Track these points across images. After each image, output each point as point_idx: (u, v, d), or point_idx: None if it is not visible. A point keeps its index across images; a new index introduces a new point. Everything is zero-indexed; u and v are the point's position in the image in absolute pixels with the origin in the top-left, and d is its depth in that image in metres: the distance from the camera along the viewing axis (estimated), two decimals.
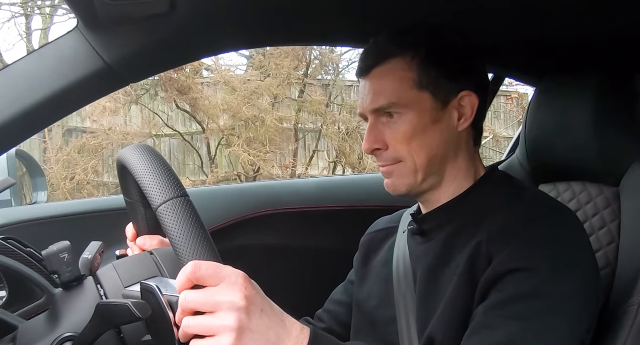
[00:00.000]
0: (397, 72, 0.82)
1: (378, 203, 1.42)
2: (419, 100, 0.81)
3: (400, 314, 0.84)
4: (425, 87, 0.81)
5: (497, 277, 0.70)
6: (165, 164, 0.60)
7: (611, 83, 0.95)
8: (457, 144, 0.84)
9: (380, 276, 0.92)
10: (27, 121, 0.85)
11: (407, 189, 0.84)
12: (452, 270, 0.77)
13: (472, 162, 0.86)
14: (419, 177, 0.82)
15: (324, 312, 1.03)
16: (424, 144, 0.81)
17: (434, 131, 0.82)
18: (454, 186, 0.85)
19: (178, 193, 0.57)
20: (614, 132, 0.93)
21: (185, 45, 0.95)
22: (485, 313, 0.70)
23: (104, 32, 0.85)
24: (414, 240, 0.88)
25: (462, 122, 0.83)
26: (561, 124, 0.97)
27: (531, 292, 0.68)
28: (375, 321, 0.89)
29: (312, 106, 5.55)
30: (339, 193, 1.52)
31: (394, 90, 0.81)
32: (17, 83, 0.85)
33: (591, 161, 0.94)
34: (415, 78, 0.81)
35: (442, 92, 0.82)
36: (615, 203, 0.93)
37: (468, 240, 0.77)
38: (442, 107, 0.82)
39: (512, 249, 0.71)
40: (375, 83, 0.83)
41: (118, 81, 0.92)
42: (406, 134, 0.81)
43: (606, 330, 0.75)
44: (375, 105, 0.83)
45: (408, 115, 0.81)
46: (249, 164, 5.14)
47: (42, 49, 0.88)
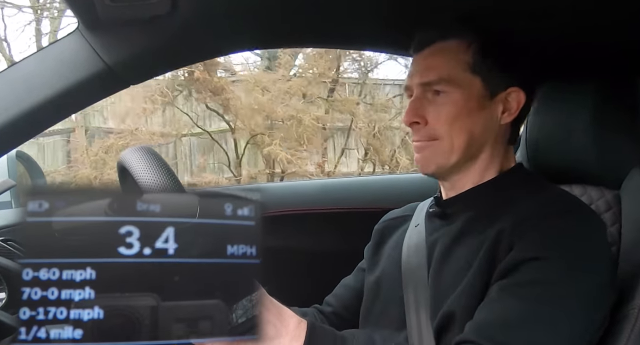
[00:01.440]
0: (453, 51, 0.82)
1: (381, 205, 1.42)
2: (469, 83, 0.81)
3: (408, 295, 0.84)
4: (478, 72, 0.81)
5: (517, 263, 0.71)
6: (161, 160, 0.61)
7: (611, 87, 0.95)
8: (495, 136, 0.84)
9: (390, 258, 0.93)
10: (27, 122, 0.85)
11: (436, 168, 0.84)
12: (470, 253, 0.77)
13: (505, 156, 0.87)
14: (453, 158, 0.82)
15: (332, 296, 1.03)
16: (465, 126, 0.81)
17: (477, 117, 0.82)
18: (481, 175, 0.85)
19: (169, 179, 0.58)
20: (614, 136, 0.93)
21: (186, 47, 0.95)
22: (500, 290, 0.70)
23: (105, 33, 0.85)
24: (431, 224, 0.88)
25: (505, 115, 0.84)
26: (562, 127, 0.97)
27: (547, 280, 0.69)
28: (385, 302, 0.89)
29: (344, 105, 5.67)
30: (341, 195, 1.52)
31: (446, 67, 0.81)
32: (18, 84, 0.85)
33: (592, 164, 0.94)
34: (469, 61, 0.81)
35: (492, 82, 0.82)
36: (616, 206, 0.93)
37: (490, 225, 0.77)
38: (489, 96, 0.82)
39: (535, 238, 0.72)
40: (429, 58, 0.83)
41: (118, 82, 0.92)
42: (449, 113, 0.81)
43: (606, 333, 0.75)
44: (424, 79, 0.82)
45: (455, 94, 0.81)
46: (286, 162, 5.29)
47: (43, 51, 0.89)
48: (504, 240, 0.74)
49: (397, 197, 1.21)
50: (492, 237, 0.75)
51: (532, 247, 0.71)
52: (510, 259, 0.71)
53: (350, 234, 1.10)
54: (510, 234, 0.74)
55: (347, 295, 1.00)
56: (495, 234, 0.75)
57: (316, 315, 0.99)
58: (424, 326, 0.79)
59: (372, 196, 1.49)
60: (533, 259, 0.70)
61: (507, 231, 0.74)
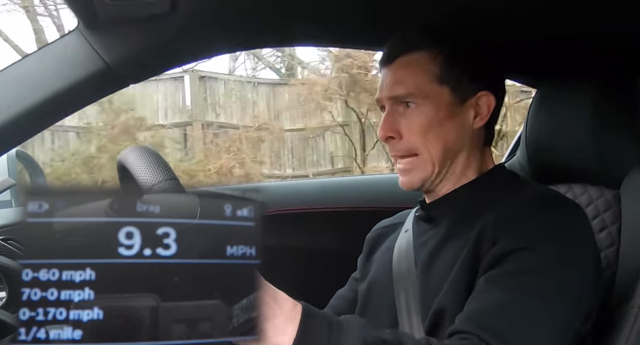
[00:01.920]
0: (419, 63, 0.83)
1: (380, 205, 1.42)
2: (438, 93, 0.82)
3: (400, 299, 0.85)
4: (446, 82, 0.82)
5: (501, 255, 0.71)
6: (158, 156, 0.61)
7: (611, 86, 0.95)
8: (470, 141, 0.85)
9: (381, 264, 0.93)
10: (27, 121, 0.85)
11: (422, 182, 0.85)
12: (456, 251, 0.78)
13: (482, 159, 0.88)
14: (435, 169, 0.83)
15: (329, 308, 1.03)
16: (438, 136, 0.82)
17: (449, 125, 0.83)
18: (459, 178, 0.86)
19: (168, 176, 0.58)
20: (614, 135, 0.93)
21: (186, 46, 0.95)
22: (486, 281, 0.71)
23: (104, 32, 0.85)
24: (418, 227, 0.90)
25: (477, 120, 0.85)
26: (562, 125, 0.97)
27: (532, 269, 0.70)
28: (377, 307, 0.90)
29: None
30: (341, 194, 1.52)
31: (414, 80, 0.82)
32: (18, 83, 0.85)
33: (592, 163, 0.94)
34: (437, 72, 0.82)
35: (461, 89, 0.83)
36: (616, 205, 0.93)
37: (473, 223, 0.78)
38: (459, 103, 0.83)
39: (519, 230, 0.73)
40: (396, 72, 0.84)
41: (118, 81, 0.92)
42: (421, 125, 0.82)
43: (606, 332, 0.75)
44: (393, 93, 0.84)
45: (425, 106, 0.82)
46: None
47: (43, 50, 0.89)
48: (487, 236, 0.75)
49: (396, 197, 1.21)
50: (475, 235, 0.76)
51: (517, 239, 0.72)
52: (495, 252, 0.72)
53: (350, 233, 1.10)
54: (493, 229, 0.75)
55: (342, 306, 1.01)
56: (478, 232, 0.76)
57: None
58: (415, 329, 0.80)
59: (372, 195, 1.49)
60: (518, 249, 0.71)
61: (490, 227, 0.75)
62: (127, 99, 5.46)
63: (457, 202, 0.85)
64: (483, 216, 0.78)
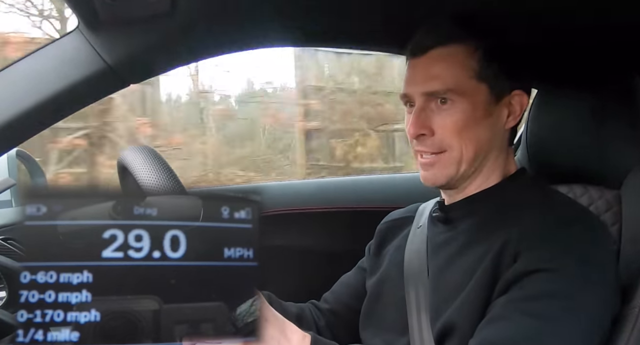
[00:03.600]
0: (458, 57, 0.79)
1: (381, 205, 1.42)
2: (476, 91, 0.79)
3: (410, 297, 0.83)
4: (484, 79, 0.79)
5: (522, 274, 0.69)
6: (162, 160, 0.61)
7: (612, 86, 0.95)
8: (500, 141, 0.83)
9: (392, 260, 0.92)
10: (27, 121, 0.84)
11: (446, 180, 0.81)
12: (474, 262, 0.76)
13: (507, 160, 0.85)
14: (462, 168, 0.80)
15: (330, 293, 1.02)
16: (474, 136, 0.79)
17: (484, 124, 0.80)
18: (486, 180, 0.84)
19: (169, 177, 0.58)
20: (614, 135, 0.93)
21: (187, 46, 0.94)
22: (505, 305, 0.69)
23: (105, 32, 0.85)
24: (435, 228, 0.87)
25: (510, 119, 0.82)
26: (562, 126, 0.96)
27: (554, 293, 0.68)
28: (386, 304, 0.89)
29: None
30: (340, 194, 1.52)
31: (453, 76, 0.78)
32: (18, 83, 0.85)
33: (592, 164, 0.94)
34: (476, 68, 0.79)
35: (498, 87, 0.80)
36: (617, 206, 0.93)
37: (494, 235, 0.75)
38: (495, 102, 0.80)
39: (541, 250, 0.70)
40: (432, 65, 0.79)
41: (118, 82, 0.92)
42: (457, 123, 0.78)
43: (606, 333, 0.75)
44: (429, 88, 0.79)
45: (462, 104, 0.78)
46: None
47: (43, 50, 0.88)
48: (508, 252, 0.72)
49: (396, 197, 1.21)
50: (497, 249, 0.74)
51: (538, 259, 0.70)
52: (514, 271, 0.70)
53: (349, 233, 1.11)
54: (515, 245, 0.72)
55: (345, 293, 1.00)
56: (500, 245, 0.73)
57: (312, 310, 0.99)
58: (425, 329, 0.79)
59: (371, 195, 1.48)
60: (539, 271, 0.69)
61: (512, 242, 0.73)
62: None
63: (478, 207, 0.83)
64: (504, 227, 0.75)
